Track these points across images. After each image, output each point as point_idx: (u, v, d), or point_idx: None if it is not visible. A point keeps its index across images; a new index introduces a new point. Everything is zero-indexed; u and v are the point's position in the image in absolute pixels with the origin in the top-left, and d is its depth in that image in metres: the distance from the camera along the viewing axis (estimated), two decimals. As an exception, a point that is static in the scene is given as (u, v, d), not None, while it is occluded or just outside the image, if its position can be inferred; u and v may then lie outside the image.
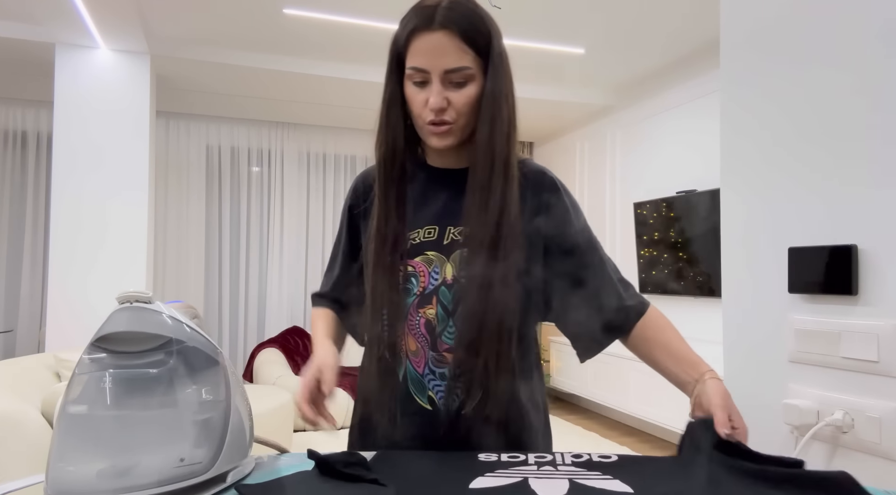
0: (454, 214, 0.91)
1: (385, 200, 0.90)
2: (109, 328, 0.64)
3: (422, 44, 0.83)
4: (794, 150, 1.14)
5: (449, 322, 0.88)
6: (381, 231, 0.89)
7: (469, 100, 0.85)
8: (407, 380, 0.89)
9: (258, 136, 5.33)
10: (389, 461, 0.77)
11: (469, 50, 0.83)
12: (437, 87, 0.84)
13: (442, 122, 0.85)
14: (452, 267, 0.89)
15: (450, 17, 0.82)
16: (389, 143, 0.90)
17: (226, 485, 0.68)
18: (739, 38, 1.26)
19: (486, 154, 0.86)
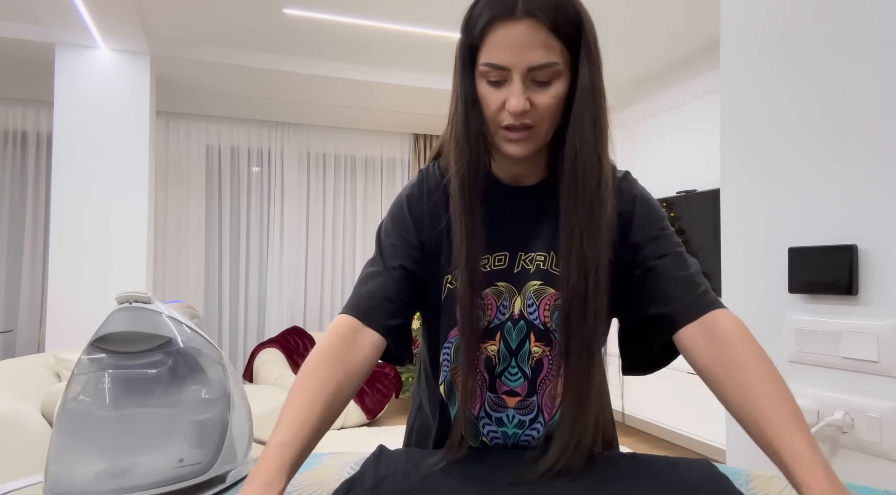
0: (526, 239, 0.80)
1: (469, 220, 0.75)
2: (109, 328, 0.64)
3: (501, 36, 0.69)
4: (794, 151, 1.14)
5: (511, 361, 0.79)
6: (470, 257, 0.75)
7: (555, 101, 0.71)
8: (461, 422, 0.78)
9: (258, 136, 5.33)
10: None
11: (557, 42, 0.69)
12: (519, 86, 0.69)
13: (523, 125, 0.72)
14: (521, 300, 0.79)
15: (536, 2, 0.68)
16: (473, 151, 0.75)
17: (225, 486, 0.68)
18: (739, 38, 1.26)
19: (591, 162, 0.72)
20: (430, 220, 0.82)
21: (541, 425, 0.80)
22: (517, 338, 0.79)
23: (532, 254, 0.80)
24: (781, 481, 0.72)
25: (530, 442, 0.80)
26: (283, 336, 4.94)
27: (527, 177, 0.82)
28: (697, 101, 3.84)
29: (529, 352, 0.79)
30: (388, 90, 4.41)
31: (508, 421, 0.80)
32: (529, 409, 0.80)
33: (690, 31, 3.54)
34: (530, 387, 0.79)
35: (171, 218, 5.09)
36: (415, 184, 0.85)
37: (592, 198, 0.73)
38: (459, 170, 0.75)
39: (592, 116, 0.73)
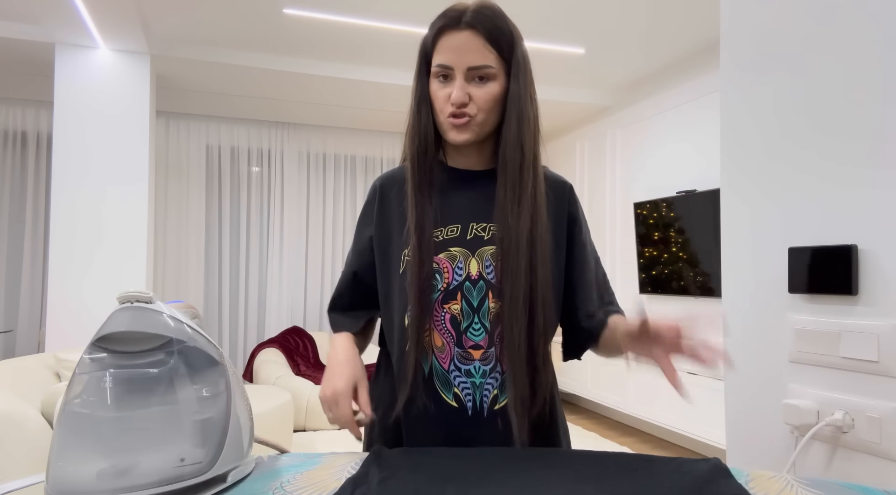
0: (476, 213, 0.93)
1: (419, 194, 0.91)
2: (110, 328, 0.64)
3: (448, 42, 0.88)
4: (794, 150, 1.14)
5: (474, 317, 0.90)
6: (420, 225, 0.90)
7: (490, 96, 0.89)
8: (433, 377, 0.90)
9: (258, 136, 5.33)
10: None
11: (492, 50, 0.88)
12: (460, 81, 0.87)
13: (462, 114, 0.88)
14: (478, 262, 0.91)
15: (476, 18, 0.87)
16: (422, 140, 0.92)
17: (226, 485, 0.68)
18: (739, 38, 1.26)
19: (515, 151, 0.90)
20: (379, 212, 0.99)
21: (498, 374, 0.90)
22: (478, 296, 0.91)
23: (484, 224, 0.93)
24: (781, 481, 0.72)
25: (490, 391, 0.90)
26: (283, 336, 4.94)
27: (476, 165, 0.98)
28: (697, 101, 3.84)
29: (489, 308, 0.90)
30: (387, 90, 4.41)
31: (476, 372, 0.90)
32: (490, 359, 0.90)
33: (690, 31, 3.54)
34: (490, 340, 0.90)
35: (171, 218, 5.09)
36: (369, 192, 1.03)
37: (515, 178, 0.90)
38: (411, 154, 0.93)
39: (518, 115, 0.90)
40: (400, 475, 0.71)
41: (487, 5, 0.90)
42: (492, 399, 0.89)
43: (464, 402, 0.89)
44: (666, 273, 3.98)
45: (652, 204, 4.07)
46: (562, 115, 5.00)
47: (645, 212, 4.13)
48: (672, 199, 3.90)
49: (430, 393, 0.89)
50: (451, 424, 0.89)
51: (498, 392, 0.89)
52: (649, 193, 4.21)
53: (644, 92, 4.37)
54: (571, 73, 4.24)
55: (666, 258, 3.98)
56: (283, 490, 0.68)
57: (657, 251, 4.06)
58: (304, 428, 4.07)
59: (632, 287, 4.28)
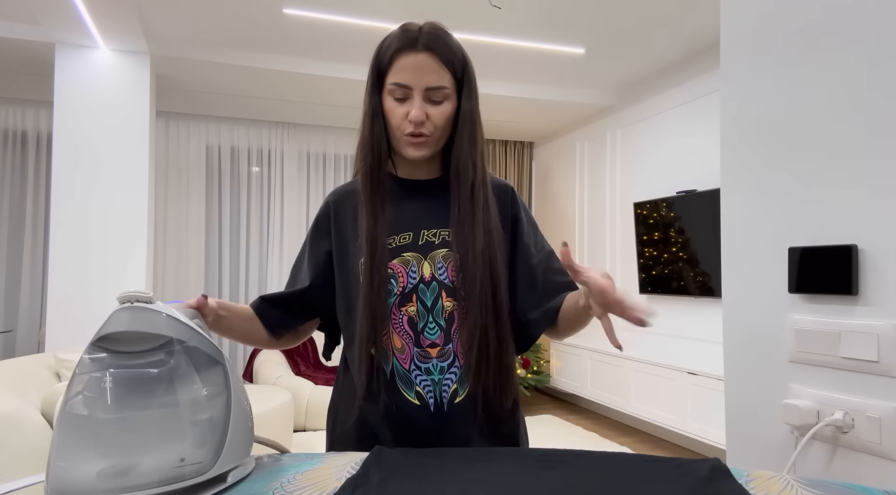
0: (427, 220, 0.99)
1: (371, 206, 0.95)
2: (110, 328, 0.64)
3: (405, 62, 0.92)
4: (794, 150, 1.14)
5: (429, 317, 0.94)
6: (373, 236, 0.94)
7: (445, 116, 0.94)
8: (395, 377, 0.93)
9: (258, 136, 5.33)
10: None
11: (447, 72, 0.93)
12: (419, 101, 0.91)
13: (420, 133, 0.93)
14: (430, 265, 0.96)
15: (433, 41, 0.92)
16: (375, 153, 0.96)
17: (226, 485, 0.68)
18: (739, 38, 1.26)
19: (467, 168, 0.95)
20: (335, 225, 1.03)
21: (457, 368, 0.94)
22: (431, 296, 0.95)
23: (434, 230, 0.98)
24: (781, 481, 0.72)
25: (449, 386, 0.94)
26: (283, 336, 4.93)
27: (424, 174, 1.03)
28: (697, 101, 3.84)
29: (443, 307, 0.95)
30: (388, 90, 4.40)
31: (434, 370, 0.94)
32: (447, 356, 0.94)
33: (690, 31, 3.54)
34: (446, 337, 0.95)
35: (171, 218, 5.09)
36: (322, 206, 1.07)
37: (467, 193, 0.95)
38: (363, 168, 0.97)
39: (470, 133, 0.96)
40: (400, 476, 0.71)
41: (439, 28, 0.96)
42: (451, 393, 0.93)
43: (426, 399, 0.93)
44: (666, 273, 3.98)
45: (652, 204, 4.07)
46: (562, 114, 5.00)
47: (645, 212, 4.13)
48: (672, 199, 3.90)
49: (392, 393, 0.93)
50: (414, 421, 0.92)
51: (457, 386, 0.93)
52: (649, 193, 4.21)
53: (644, 92, 4.37)
54: (571, 73, 4.24)
55: (666, 258, 3.98)
56: (283, 490, 0.68)
57: (657, 251, 4.06)
58: (304, 428, 4.07)
59: (632, 287, 4.27)
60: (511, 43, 3.69)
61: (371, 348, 0.93)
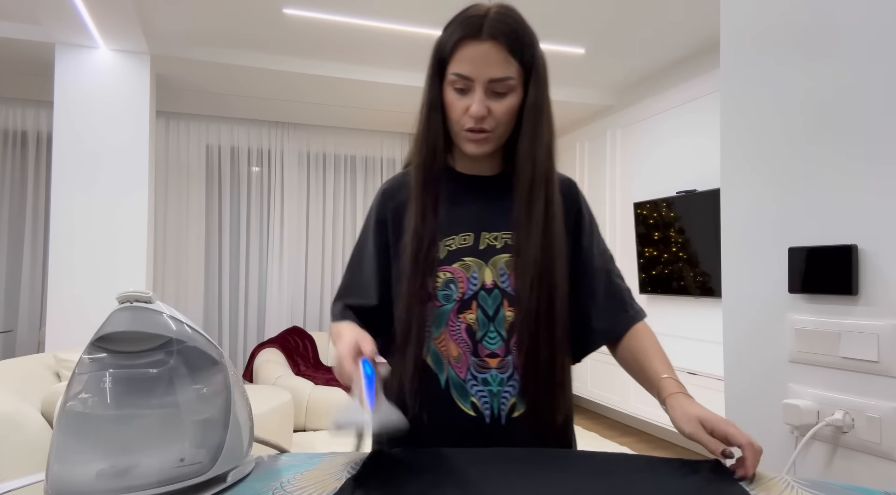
0: (488, 221, 0.92)
1: (422, 204, 0.89)
2: (110, 328, 0.64)
3: (468, 52, 0.84)
4: (794, 150, 1.14)
5: (490, 326, 0.89)
6: (419, 235, 0.88)
7: (509, 110, 0.86)
8: (449, 386, 0.89)
9: (258, 136, 5.33)
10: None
11: (514, 61, 0.85)
12: (480, 95, 0.84)
13: (481, 129, 0.86)
14: (492, 271, 0.90)
15: (498, 28, 0.84)
16: (430, 147, 0.90)
17: (226, 485, 0.68)
18: (739, 37, 1.26)
19: (526, 162, 0.88)
20: (393, 216, 0.96)
21: (516, 381, 0.89)
22: (493, 305, 0.90)
23: (496, 233, 0.92)
24: (782, 483, 0.72)
25: (507, 399, 0.89)
26: (283, 336, 4.94)
27: (486, 170, 0.97)
28: (697, 101, 3.84)
29: (504, 317, 0.90)
30: (387, 90, 4.41)
31: (493, 381, 0.89)
32: (507, 368, 0.89)
33: (690, 31, 3.54)
34: (506, 348, 0.89)
35: (171, 218, 5.09)
36: (377, 198, 1.00)
37: (526, 193, 0.89)
38: (417, 162, 0.91)
39: (532, 127, 0.89)
40: (401, 475, 0.71)
41: (508, 12, 0.87)
42: (510, 407, 0.88)
43: (481, 411, 0.88)
44: (666, 273, 3.98)
45: (652, 204, 4.07)
46: (562, 114, 5.00)
47: (645, 212, 4.13)
48: (672, 199, 3.90)
49: (446, 402, 0.88)
50: (468, 433, 0.88)
51: (516, 400, 0.89)
52: (649, 193, 4.21)
53: (644, 92, 4.37)
54: (571, 73, 4.24)
55: (666, 258, 3.98)
56: (283, 490, 0.68)
57: (657, 251, 4.06)
58: (304, 428, 4.07)
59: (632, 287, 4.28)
60: (511, 43, 3.68)
61: (423, 355, 0.87)
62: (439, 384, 0.89)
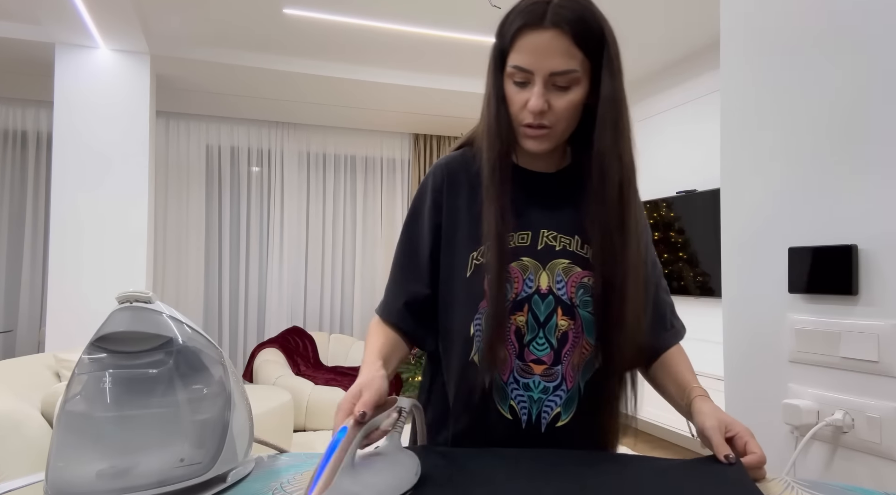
0: (547, 221, 0.88)
1: (500, 203, 0.83)
2: (109, 328, 0.64)
3: (528, 42, 0.78)
4: (794, 150, 1.14)
5: (539, 332, 0.85)
6: (499, 235, 0.83)
7: (571, 105, 0.80)
8: (492, 387, 0.86)
9: (258, 136, 5.33)
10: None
11: (578, 52, 0.78)
12: (539, 88, 0.78)
13: (540, 125, 0.81)
14: (548, 276, 0.86)
15: (562, 15, 0.76)
16: (503, 144, 0.84)
17: (226, 485, 0.68)
18: (739, 37, 1.26)
19: (613, 161, 0.81)
20: (448, 198, 0.91)
21: (563, 392, 0.86)
22: (545, 311, 0.85)
23: (555, 233, 0.88)
24: (782, 483, 0.72)
25: (552, 408, 0.86)
26: (283, 336, 4.94)
27: (548, 165, 0.91)
28: (697, 100, 3.83)
29: (556, 324, 0.85)
30: (388, 90, 4.41)
31: (534, 387, 0.85)
32: (554, 377, 0.86)
33: (690, 31, 3.53)
34: (556, 357, 0.85)
35: (171, 218, 5.09)
36: (435, 173, 0.94)
37: (617, 195, 0.82)
38: (490, 158, 0.84)
39: (614, 121, 0.81)
40: None
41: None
42: (553, 416, 0.86)
43: (518, 415, 0.85)
44: (666, 273, 3.98)
45: (652, 204, 4.06)
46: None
47: (645, 212, 4.13)
48: (672, 199, 3.90)
49: (486, 403, 0.86)
50: (502, 436, 0.85)
51: (561, 409, 0.86)
52: (649, 193, 4.20)
53: (644, 92, 4.37)
54: (571, 73, 4.24)
55: (666, 258, 3.98)
56: (283, 490, 0.68)
57: (657, 251, 4.06)
58: (304, 428, 4.07)
59: (632, 287, 4.27)
60: (511, 43, 3.68)
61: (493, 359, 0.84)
62: (484, 385, 0.86)
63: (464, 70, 4.23)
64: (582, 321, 0.86)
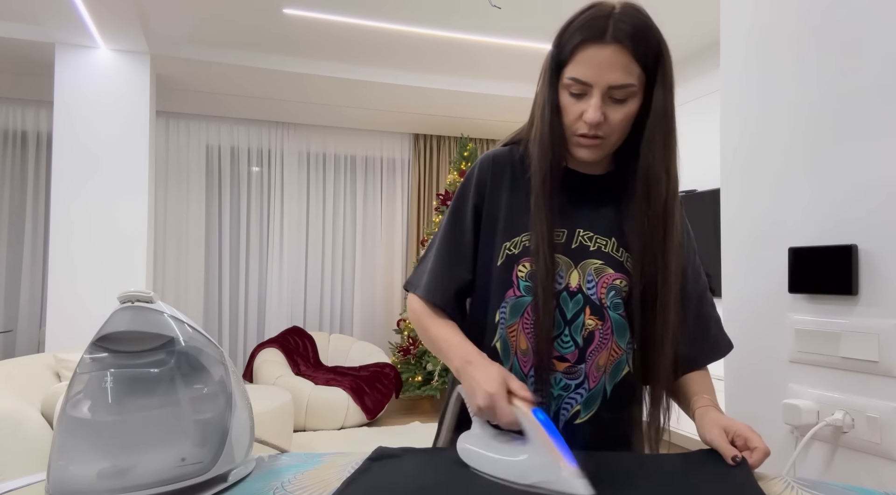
0: (584, 220, 0.89)
1: (550, 213, 0.85)
2: (111, 327, 0.64)
3: (589, 56, 0.79)
4: (794, 150, 1.14)
5: (565, 330, 0.86)
6: (550, 244, 0.85)
7: (627, 117, 0.82)
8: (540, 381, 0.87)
9: (258, 136, 5.33)
10: None
11: (637, 67, 0.80)
12: (597, 101, 0.80)
13: (595, 136, 0.82)
14: (579, 275, 0.87)
15: (623, 30, 0.78)
16: (555, 153, 0.85)
17: (226, 485, 0.68)
18: (739, 37, 1.26)
19: (660, 176, 0.84)
20: (490, 195, 0.92)
21: (585, 390, 0.87)
22: (573, 309, 0.86)
23: (591, 233, 0.89)
24: (782, 483, 0.72)
25: (572, 405, 0.87)
26: (283, 336, 4.94)
27: (593, 168, 0.92)
28: (697, 101, 3.84)
29: (583, 323, 0.86)
30: (388, 90, 4.41)
31: (555, 384, 0.86)
32: (577, 375, 0.87)
33: (691, 31, 3.54)
34: (580, 356, 0.86)
35: (171, 218, 5.09)
36: (482, 164, 0.95)
37: (662, 208, 0.84)
38: (542, 168, 0.85)
39: (663, 135, 0.83)
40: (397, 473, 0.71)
41: (635, 13, 0.81)
42: (572, 414, 0.87)
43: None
44: (666, 273, 3.98)
45: (652, 204, 4.07)
46: (562, 115, 5.00)
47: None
48: (672, 199, 3.90)
49: None
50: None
51: (581, 408, 0.87)
52: (649, 193, 4.21)
53: (644, 92, 4.37)
54: (571, 73, 4.24)
55: (666, 258, 3.98)
56: (284, 490, 0.68)
57: (657, 251, 4.06)
58: (304, 428, 4.07)
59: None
60: (511, 43, 3.68)
61: (499, 343, 0.86)
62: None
63: (464, 70, 4.23)
64: (612, 323, 0.87)
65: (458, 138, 5.62)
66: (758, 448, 0.74)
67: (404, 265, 5.65)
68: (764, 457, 0.73)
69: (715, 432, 0.78)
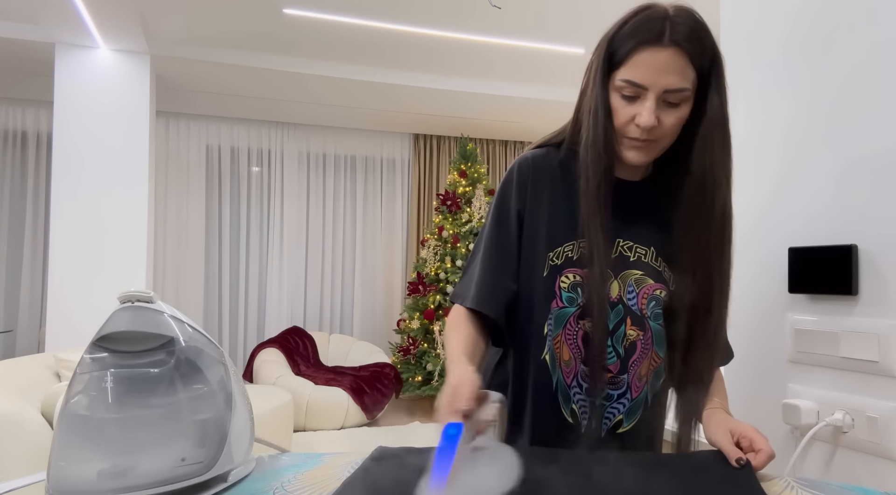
0: (625, 229, 0.87)
1: (604, 219, 0.83)
2: (111, 327, 0.64)
3: (645, 59, 0.77)
4: (794, 150, 1.14)
5: (607, 340, 0.85)
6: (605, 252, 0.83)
7: (679, 121, 0.80)
8: (557, 389, 0.87)
9: (258, 136, 5.33)
10: None
11: (692, 71, 0.78)
12: (652, 104, 0.78)
13: (646, 139, 0.81)
14: (619, 285, 0.86)
15: (681, 33, 0.76)
16: (609, 157, 0.83)
17: (226, 485, 0.68)
18: (739, 37, 1.26)
19: (721, 182, 0.82)
20: (532, 196, 0.90)
21: (627, 400, 0.87)
22: (614, 319, 0.86)
23: (630, 243, 0.87)
24: (782, 483, 0.72)
25: (614, 415, 0.87)
26: (283, 336, 4.93)
27: (632, 173, 0.90)
28: (697, 101, 3.84)
29: (624, 334, 0.86)
30: (388, 90, 4.41)
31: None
32: (619, 385, 0.87)
33: (690, 31, 3.54)
34: (622, 366, 0.86)
35: (171, 218, 5.09)
36: (521, 167, 0.92)
37: (720, 214, 0.83)
38: (596, 172, 0.83)
39: (721, 141, 0.82)
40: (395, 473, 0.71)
41: (690, 15, 0.79)
42: (615, 423, 0.87)
43: (579, 419, 0.87)
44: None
45: (652, 204, 4.07)
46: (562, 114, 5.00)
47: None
48: (672, 199, 3.90)
49: (552, 405, 0.87)
50: (562, 439, 0.87)
51: (623, 417, 0.87)
52: (649, 193, 4.21)
53: (644, 92, 4.38)
54: (571, 73, 4.24)
55: (666, 258, 3.98)
56: (284, 489, 0.68)
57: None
58: (304, 428, 4.07)
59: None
60: (511, 43, 3.68)
61: (548, 355, 0.85)
62: (552, 385, 0.87)
63: (464, 70, 4.24)
64: (653, 333, 0.87)
65: (458, 138, 5.61)
66: (762, 450, 0.73)
67: (404, 265, 5.65)
68: (768, 460, 0.73)
69: (720, 433, 0.79)
